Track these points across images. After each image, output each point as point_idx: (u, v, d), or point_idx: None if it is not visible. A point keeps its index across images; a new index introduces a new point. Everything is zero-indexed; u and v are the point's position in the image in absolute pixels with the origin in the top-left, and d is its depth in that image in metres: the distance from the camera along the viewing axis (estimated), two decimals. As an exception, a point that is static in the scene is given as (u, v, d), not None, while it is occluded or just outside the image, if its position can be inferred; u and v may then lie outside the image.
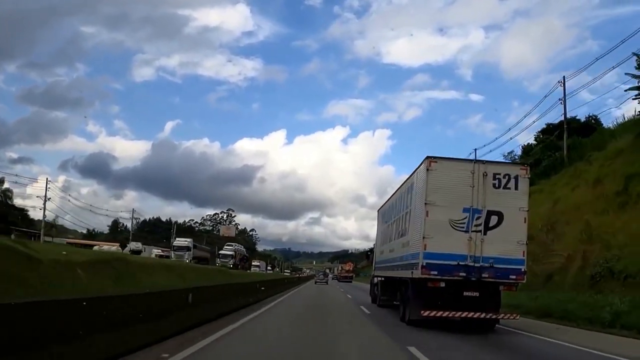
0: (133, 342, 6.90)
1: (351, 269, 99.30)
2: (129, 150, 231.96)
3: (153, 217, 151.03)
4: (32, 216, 76.10)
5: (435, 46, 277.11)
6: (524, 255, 11.41)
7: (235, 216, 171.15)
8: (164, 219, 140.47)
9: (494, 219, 11.43)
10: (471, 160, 13.51)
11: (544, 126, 41.66)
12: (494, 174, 11.64)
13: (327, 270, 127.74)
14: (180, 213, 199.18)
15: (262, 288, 21.00)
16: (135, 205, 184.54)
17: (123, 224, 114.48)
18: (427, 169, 11.60)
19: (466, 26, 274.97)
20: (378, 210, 21.65)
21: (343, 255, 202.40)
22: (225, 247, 72.27)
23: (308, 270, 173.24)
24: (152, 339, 7.54)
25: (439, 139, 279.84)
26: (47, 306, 5.29)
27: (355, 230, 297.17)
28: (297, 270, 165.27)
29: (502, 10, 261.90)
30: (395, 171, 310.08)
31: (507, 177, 11.63)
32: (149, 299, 8.21)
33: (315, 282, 58.79)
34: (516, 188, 11.61)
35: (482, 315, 11.60)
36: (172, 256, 50.95)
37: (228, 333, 9.75)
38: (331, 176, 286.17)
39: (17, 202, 76.11)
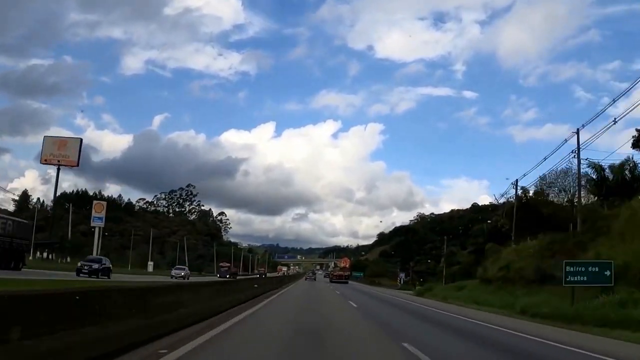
0: None
1: (347, 266, 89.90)
2: (110, 141, 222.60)
3: (80, 190, 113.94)
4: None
5: (430, 38, 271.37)
6: None
7: (197, 194, 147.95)
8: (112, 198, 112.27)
9: None
10: None
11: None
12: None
13: (317, 267, 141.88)
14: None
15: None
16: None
17: (39, 199, 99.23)
18: None
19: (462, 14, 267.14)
20: None
21: (337, 250, 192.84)
22: None
23: (295, 268, 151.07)
24: None
25: (436, 136, 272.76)
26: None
27: (344, 226, 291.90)
28: (281, 267, 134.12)
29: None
30: (386, 168, 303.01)
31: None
32: None
33: (305, 279, 76.70)
34: None
35: None
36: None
37: None
38: (320, 171, 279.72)
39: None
